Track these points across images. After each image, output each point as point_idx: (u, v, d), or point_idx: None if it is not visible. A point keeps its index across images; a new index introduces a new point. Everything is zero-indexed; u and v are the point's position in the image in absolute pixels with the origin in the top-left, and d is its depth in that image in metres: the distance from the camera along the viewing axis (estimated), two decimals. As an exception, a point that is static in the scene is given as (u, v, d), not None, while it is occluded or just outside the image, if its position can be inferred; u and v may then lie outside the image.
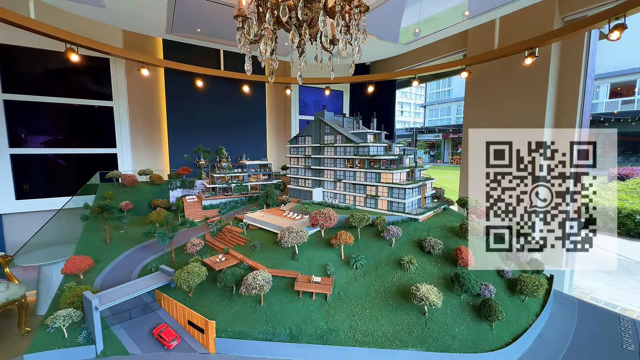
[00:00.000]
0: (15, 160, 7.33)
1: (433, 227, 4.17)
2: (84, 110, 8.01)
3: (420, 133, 43.86)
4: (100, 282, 3.82)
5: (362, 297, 3.22)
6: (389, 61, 12.26)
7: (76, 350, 2.98)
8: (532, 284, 3.38)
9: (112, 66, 8.16)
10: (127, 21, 6.61)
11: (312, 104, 12.23)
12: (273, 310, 3.16)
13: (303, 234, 3.53)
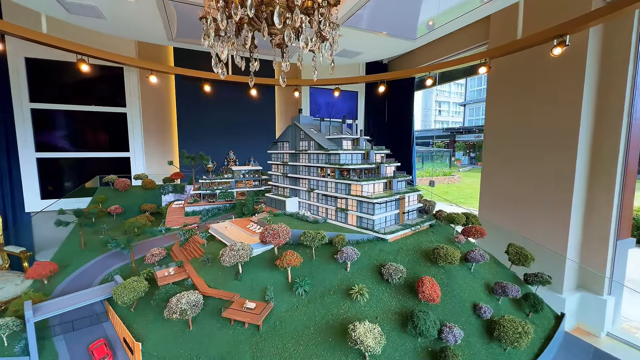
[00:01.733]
0: (40, 163, 8.01)
1: (403, 249, 3.58)
2: (100, 116, 8.52)
3: (459, 133, 41.07)
4: (62, 288, 3.88)
5: (299, 330, 2.81)
6: (408, 59, 11.49)
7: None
8: (512, 330, 2.68)
9: (126, 75, 8.57)
10: (128, 31, 6.84)
11: (324, 105, 11.88)
12: (201, 335, 2.89)
13: (244, 252, 3.21)
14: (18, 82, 7.43)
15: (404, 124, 11.88)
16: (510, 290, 3.17)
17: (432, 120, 50.22)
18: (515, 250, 3.80)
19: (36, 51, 7.29)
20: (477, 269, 3.59)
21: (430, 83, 9.15)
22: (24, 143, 7.69)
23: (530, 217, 6.63)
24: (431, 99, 49.41)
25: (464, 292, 3.19)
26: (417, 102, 46.88)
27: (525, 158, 6.88)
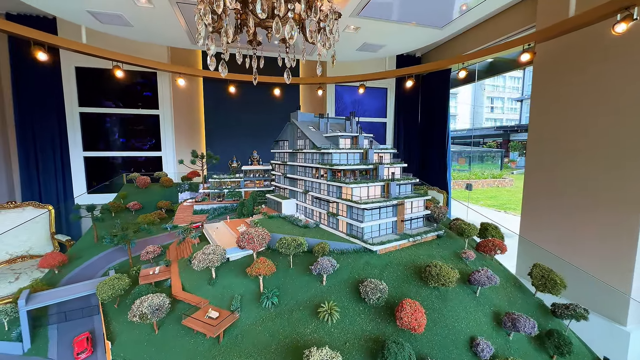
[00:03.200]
0: (86, 161, 8.91)
1: (393, 264, 3.09)
2: (136, 118, 9.21)
3: (514, 132, 37.07)
4: (68, 279, 4.14)
5: (260, 347, 2.55)
6: (444, 51, 10.56)
7: (6, 345, 3.21)
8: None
9: (159, 79, 9.12)
10: (155, 37, 7.21)
11: (350, 103, 11.46)
12: (164, 341, 2.78)
13: (216, 256, 3.04)
14: (69, 88, 8.29)
15: (438, 121, 10.93)
16: (523, 324, 2.51)
17: (482, 117, 46.14)
18: (541, 272, 3.06)
19: (84, 61, 8.07)
20: (486, 294, 2.95)
21: (463, 75, 8.26)
22: (74, 143, 8.57)
23: (582, 230, 5.51)
24: (482, 94, 45.41)
25: (460, 322, 2.62)
26: (464, 99, 43.31)
27: (580, 161, 5.73)
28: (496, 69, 10.79)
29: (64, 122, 8.35)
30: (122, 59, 7.13)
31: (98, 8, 5.71)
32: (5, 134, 8.09)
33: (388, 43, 7.73)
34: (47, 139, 8.16)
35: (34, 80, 7.83)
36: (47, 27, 7.66)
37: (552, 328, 2.70)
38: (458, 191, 20.75)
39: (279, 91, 9.76)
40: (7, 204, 6.97)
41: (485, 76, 10.80)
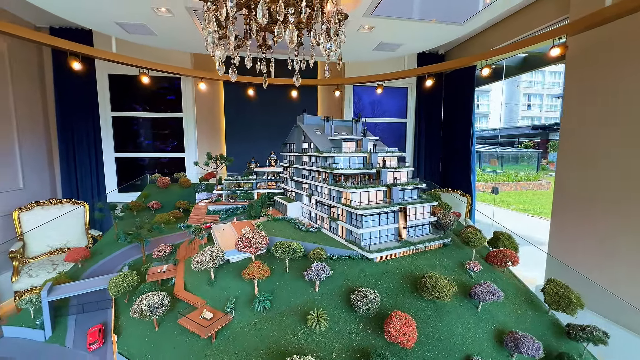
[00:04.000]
0: (117, 162, 9.56)
1: (390, 272, 2.97)
2: (162, 121, 9.73)
3: (553, 131, 34.39)
4: (89, 273, 4.46)
5: (249, 350, 2.57)
6: (468, 47, 10.10)
7: (31, 332, 3.52)
8: None
9: (183, 83, 9.57)
10: (178, 44, 7.58)
11: (368, 104, 11.29)
12: (163, 338, 2.91)
13: (213, 258, 3.12)
14: (103, 94, 8.94)
15: (462, 121, 10.45)
16: (526, 346, 2.30)
17: (518, 115, 43.24)
18: (555, 289, 2.79)
19: (116, 68, 8.68)
20: (490, 309, 2.75)
21: (487, 73, 7.85)
22: (107, 145, 9.22)
23: (618, 238, 4.99)
24: (518, 91, 42.59)
25: (456, 339, 2.46)
26: (498, 96, 40.80)
27: (618, 163, 5.20)
28: (530, 65, 10.05)
29: (98, 125, 9.02)
30: (148, 66, 7.57)
31: (124, 19, 6.09)
32: (49, 137, 8.90)
33: (405, 42, 7.50)
34: (84, 141, 8.86)
35: (73, 87, 8.54)
36: (84, 38, 8.30)
37: (563, 352, 2.45)
38: (486, 194, 19.64)
39: (296, 93, 9.84)
40: (49, 201, 7.64)
41: (518, 72, 10.14)
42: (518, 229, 14.04)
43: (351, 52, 8.64)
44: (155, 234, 5.02)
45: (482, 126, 40.13)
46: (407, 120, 11.33)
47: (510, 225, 14.81)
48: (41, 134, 8.64)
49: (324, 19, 2.81)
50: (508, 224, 15.02)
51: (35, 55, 8.37)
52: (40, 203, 7.61)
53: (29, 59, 8.19)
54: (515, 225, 14.78)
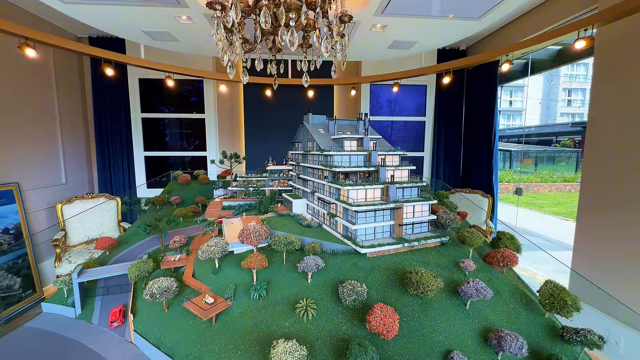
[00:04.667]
0: (146, 160, 10.28)
1: (381, 268, 3.04)
2: (186, 122, 10.33)
3: (594, 128, 31.64)
4: (114, 259, 4.93)
5: (244, 334, 2.78)
6: (490, 41, 9.76)
7: (64, 309, 3.99)
8: None
9: (205, 86, 10.10)
10: (199, 49, 8.05)
11: (385, 102, 11.21)
12: (171, 319, 3.20)
13: (217, 248, 3.37)
14: (134, 97, 9.66)
15: (484, 119, 10.08)
16: (509, 344, 2.28)
17: (556, 112, 40.14)
18: (551, 290, 2.71)
19: (145, 73, 9.35)
20: (479, 308, 2.74)
21: (507, 69, 7.57)
22: (137, 144, 9.95)
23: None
24: (557, 86, 39.60)
25: (439, 334, 2.49)
26: (533, 92, 38.25)
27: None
28: (566, 57, 9.43)
29: (129, 126, 9.76)
30: (173, 70, 8.10)
31: (150, 28, 6.59)
32: (88, 137, 9.79)
33: (419, 39, 7.42)
34: (117, 141, 9.64)
35: (107, 92, 9.33)
36: (118, 46, 9.04)
37: (553, 354, 2.40)
38: (511, 195, 18.67)
39: (312, 93, 10.00)
40: (87, 195, 8.41)
41: (553, 66, 9.58)
42: (550, 233, 13.28)
43: (366, 51, 8.65)
44: (173, 226, 5.42)
45: (516, 124, 37.84)
46: (425, 118, 11.11)
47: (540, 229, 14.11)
48: (81, 134, 9.52)
49: (327, 20, 2.94)
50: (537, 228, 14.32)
51: (75, 63, 9.24)
52: (79, 197, 8.41)
53: (71, 66, 9.06)
54: (547, 229, 13.97)
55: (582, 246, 5.95)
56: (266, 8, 2.74)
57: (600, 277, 5.42)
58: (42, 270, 7.74)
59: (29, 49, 5.56)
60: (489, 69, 9.42)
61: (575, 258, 6.16)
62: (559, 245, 12.15)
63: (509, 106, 34.47)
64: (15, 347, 3.40)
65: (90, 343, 3.41)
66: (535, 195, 22.91)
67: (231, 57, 3.27)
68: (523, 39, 8.00)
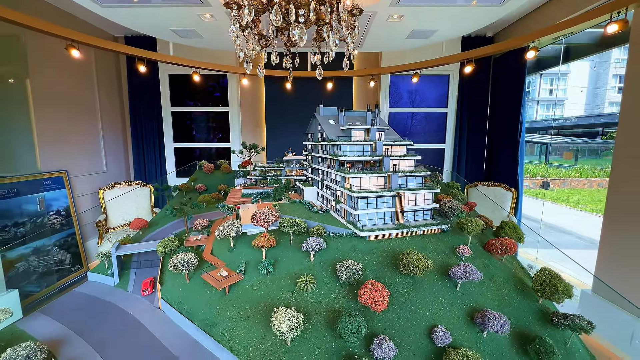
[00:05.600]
0: (176, 151, 11.04)
1: (378, 250, 3.22)
2: (212, 115, 10.92)
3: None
4: (146, 238, 5.53)
5: (252, 303, 3.14)
6: (519, 27, 9.32)
7: (105, 278, 4.61)
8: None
9: (229, 80, 10.59)
10: (223, 44, 8.47)
11: (406, 93, 11.09)
12: (192, 288, 3.64)
13: (231, 229, 3.74)
14: (164, 92, 10.36)
15: (510, 110, 9.71)
16: (492, 322, 2.41)
17: (604, 101, 36.31)
18: (544, 277, 2.76)
19: (174, 69, 9.99)
20: (470, 290, 2.86)
21: (532, 56, 7.26)
22: (167, 136, 10.69)
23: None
24: (605, 73, 35.82)
25: (426, 310, 2.66)
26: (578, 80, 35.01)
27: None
28: (610, 41, 8.75)
29: (160, 119, 10.51)
30: (199, 65, 8.60)
31: (177, 26, 7.06)
32: (124, 129, 10.68)
33: (438, 28, 7.28)
34: (150, 133, 10.44)
35: (141, 87, 10.09)
36: (151, 44, 9.70)
37: (538, 335, 2.50)
38: (541, 190, 17.71)
39: (331, 85, 10.15)
40: (124, 182, 9.25)
41: (597, 50, 8.94)
42: (583, 231, 12.59)
43: (383, 42, 8.61)
44: (197, 210, 5.93)
45: (557, 114, 34.91)
46: (447, 109, 10.85)
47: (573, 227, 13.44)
48: (118, 127, 10.42)
49: (338, 14, 3.11)
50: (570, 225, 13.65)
51: (113, 61, 10.06)
52: (118, 184, 9.29)
53: (109, 64, 9.89)
54: (581, 227, 13.22)
55: (608, 244, 5.71)
56: (277, 6, 2.98)
57: (627, 277, 5.20)
58: (87, 248, 8.72)
59: (74, 50, 6.24)
60: (517, 56, 9.00)
61: (601, 256, 5.92)
62: (593, 244, 11.45)
63: (549, 95, 31.89)
64: (70, 305, 4.04)
65: (126, 307, 3.97)
66: (572, 191, 21.45)
67: (247, 53, 3.56)
68: (554, 23, 7.58)
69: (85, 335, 3.40)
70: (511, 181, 9.49)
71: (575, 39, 8.38)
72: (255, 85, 10.83)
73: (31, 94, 7.08)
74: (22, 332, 3.44)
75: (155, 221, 6.11)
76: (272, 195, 5.84)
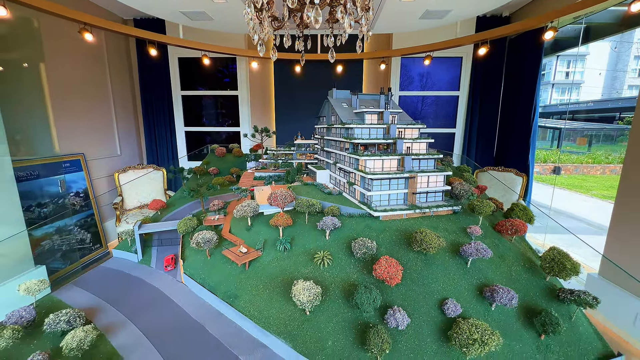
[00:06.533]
0: (187, 134, 11.18)
1: (391, 229, 3.35)
2: (221, 99, 10.97)
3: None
4: (165, 218, 5.77)
5: (272, 277, 3.33)
6: (538, 6, 9.00)
7: (129, 254, 4.88)
8: (467, 334, 2.25)
9: (238, 63, 10.55)
10: (232, 27, 8.40)
11: (417, 76, 10.90)
12: (212, 264, 3.86)
13: (249, 208, 3.90)
14: (174, 76, 10.39)
15: (524, 93, 9.51)
16: (501, 295, 2.55)
17: (624, 84, 34.43)
18: (552, 256, 2.87)
19: (183, 52, 9.98)
20: (480, 267, 2.99)
21: (550, 37, 7.06)
22: (178, 120, 10.82)
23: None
24: (627, 54, 33.90)
25: (438, 284, 2.81)
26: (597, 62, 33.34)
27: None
28: (631, 21, 8.36)
29: (171, 103, 10.60)
30: (209, 49, 8.59)
31: (187, 8, 7.02)
32: (136, 114, 10.82)
33: (453, 7, 7.09)
34: (161, 117, 10.57)
35: (151, 71, 10.12)
36: (160, 27, 9.66)
37: (544, 309, 2.63)
38: (564, 178, 17.50)
39: (341, 68, 10.05)
40: (137, 166, 9.49)
41: (619, 30, 8.55)
42: (593, 217, 12.56)
43: (396, 23, 8.42)
44: (212, 192, 6.13)
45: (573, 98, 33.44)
46: (459, 93, 10.68)
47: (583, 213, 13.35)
48: (130, 111, 10.57)
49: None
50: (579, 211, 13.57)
51: (123, 45, 10.08)
52: (132, 167, 9.54)
53: (119, 48, 9.92)
54: (590, 213, 13.16)
55: (618, 228, 5.72)
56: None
57: (635, 260, 5.24)
58: (106, 229, 9.08)
59: (88, 33, 6.29)
60: (534, 37, 8.72)
61: (610, 240, 5.94)
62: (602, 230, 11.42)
63: (565, 78, 30.56)
64: (99, 278, 4.33)
65: (151, 281, 4.23)
66: (584, 177, 21.10)
67: (261, 36, 3.58)
68: (575, 1, 7.30)
69: (116, 304, 3.67)
70: (522, 167, 9.43)
71: (596, 18, 8.01)
72: (265, 68, 10.77)
73: (46, 78, 7.22)
74: (58, 301, 3.72)
75: (172, 202, 6.34)
76: (284, 178, 5.98)
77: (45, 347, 2.83)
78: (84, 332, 2.81)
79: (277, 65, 10.52)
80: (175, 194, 6.78)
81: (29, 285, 3.44)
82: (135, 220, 8.46)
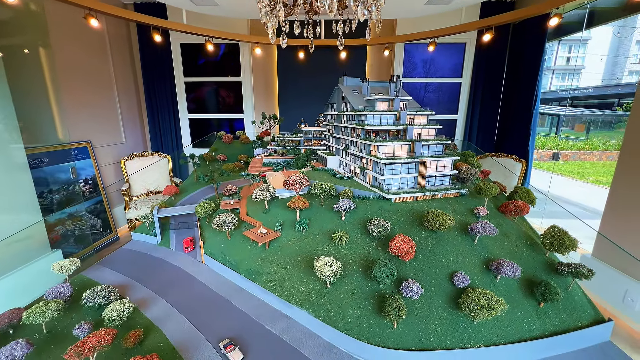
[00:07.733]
0: (190, 122, 11.23)
1: (403, 211, 3.59)
2: (225, 85, 10.96)
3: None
4: (179, 202, 5.97)
5: (292, 255, 3.58)
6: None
7: (149, 237, 5.11)
8: (475, 301, 2.52)
9: (241, 49, 10.50)
10: (236, 12, 8.35)
11: (420, 62, 10.94)
12: (233, 244, 4.10)
13: (267, 192, 4.11)
14: (177, 62, 10.35)
15: (525, 80, 9.62)
16: (506, 268, 2.82)
17: (624, 70, 34.04)
18: (552, 233, 3.13)
19: (187, 38, 9.90)
20: (486, 244, 3.25)
21: (555, 23, 7.13)
22: (182, 107, 10.85)
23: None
24: (629, 39, 33.49)
25: (448, 259, 3.07)
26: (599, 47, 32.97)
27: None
28: (636, 6, 8.35)
29: (174, 90, 10.60)
30: (212, 34, 8.57)
31: (192, -7, 6.95)
32: (139, 100, 10.82)
33: (457, -9, 7.11)
34: (164, 104, 10.58)
35: (154, 57, 10.07)
36: (160, 12, 9.54)
37: (544, 279, 2.91)
38: (561, 164, 17.78)
39: (345, 54, 10.06)
40: (143, 153, 9.59)
41: (623, 14, 8.55)
42: (588, 202, 12.92)
43: (402, 8, 8.41)
44: (224, 178, 6.31)
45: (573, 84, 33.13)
46: (461, 79, 10.76)
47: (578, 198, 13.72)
48: (133, 98, 10.56)
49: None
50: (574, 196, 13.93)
51: (125, 30, 9.97)
52: (137, 154, 9.65)
53: (121, 34, 9.82)
54: (586, 199, 13.51)
55: (613, 209, 5.99)
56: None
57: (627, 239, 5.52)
58: (115, 215, 9.28)
59: (93, 19, 6.28)
60: (538, 23, 8.76)
61: (604, 222, 6.22)
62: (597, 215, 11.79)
63: (566, 63, 30.31)
64: (123, 259, 4.57)
65: (173, 261, 4.47)
66: (581, 163, 21.39)
67: (274, 24, 3.68)
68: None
69: (143, 282, 3.91)
70: (521, 152, 9.65)
71: (600, 3, 8.03)
72: (268, 54, 10.73)
73: (53, 65, 7.22)
74: (89, 280, 3.96)
75: (184, 188, 6.52)
76: (293, 164, 6.16)
77: (86, 319, 3.08)
78: (122, 305, 3.06)
79: (279, 51, 10.48)
80: (186, 180, 6.95)
81: (62, 265, 3.66)
82: (144, 206, 8.66)
